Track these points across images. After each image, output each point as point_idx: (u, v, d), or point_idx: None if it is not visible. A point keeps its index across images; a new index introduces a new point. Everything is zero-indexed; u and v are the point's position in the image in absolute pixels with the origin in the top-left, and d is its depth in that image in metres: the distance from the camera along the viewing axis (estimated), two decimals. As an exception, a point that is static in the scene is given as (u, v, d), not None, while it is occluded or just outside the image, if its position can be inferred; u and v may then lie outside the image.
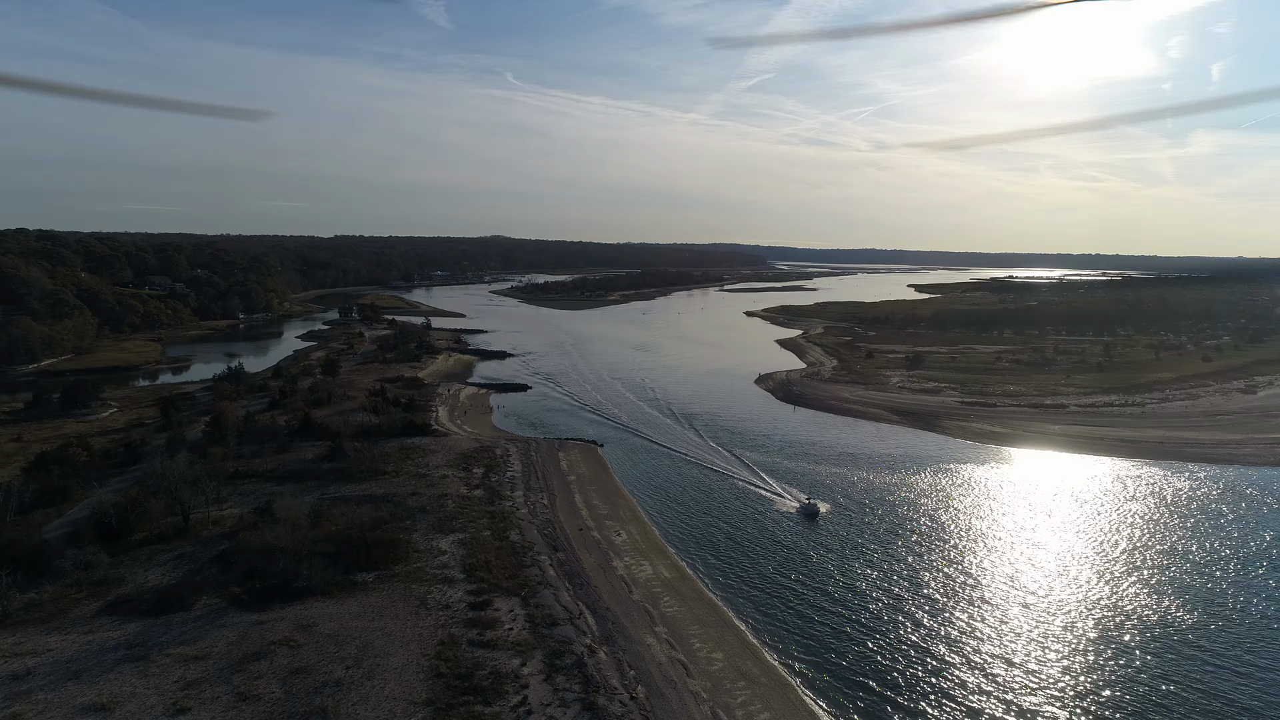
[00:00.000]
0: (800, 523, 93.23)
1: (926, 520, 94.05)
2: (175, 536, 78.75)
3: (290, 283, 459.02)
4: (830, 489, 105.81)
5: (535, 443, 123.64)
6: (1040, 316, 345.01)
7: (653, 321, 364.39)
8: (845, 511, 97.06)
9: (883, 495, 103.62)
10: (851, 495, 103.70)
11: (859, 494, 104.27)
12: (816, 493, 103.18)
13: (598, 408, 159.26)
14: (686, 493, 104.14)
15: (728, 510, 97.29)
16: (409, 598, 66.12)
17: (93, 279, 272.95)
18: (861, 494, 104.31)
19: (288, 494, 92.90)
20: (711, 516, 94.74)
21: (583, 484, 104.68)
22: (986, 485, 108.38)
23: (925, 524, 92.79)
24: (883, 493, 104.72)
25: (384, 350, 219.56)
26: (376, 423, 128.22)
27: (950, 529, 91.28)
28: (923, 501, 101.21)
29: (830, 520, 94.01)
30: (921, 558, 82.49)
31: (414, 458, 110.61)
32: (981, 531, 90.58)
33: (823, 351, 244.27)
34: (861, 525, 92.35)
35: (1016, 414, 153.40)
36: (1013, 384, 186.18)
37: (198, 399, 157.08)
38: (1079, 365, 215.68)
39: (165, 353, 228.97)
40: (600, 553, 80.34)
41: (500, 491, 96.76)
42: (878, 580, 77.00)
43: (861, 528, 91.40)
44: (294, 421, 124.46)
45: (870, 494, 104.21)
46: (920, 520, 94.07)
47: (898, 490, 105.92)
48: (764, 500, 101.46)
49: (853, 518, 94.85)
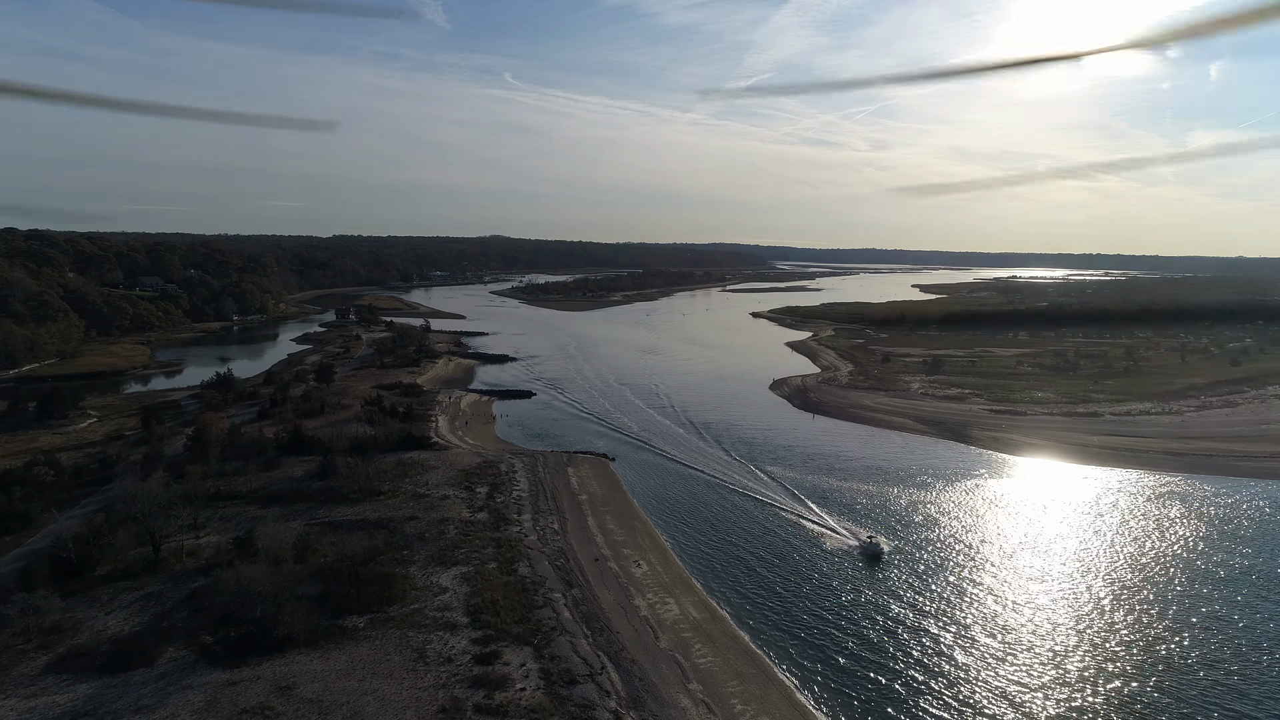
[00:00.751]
0: (856, 563, 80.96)
1: (1005, 565, 79.89)
2: (144, 571, 70.27)
3: (287, 283, 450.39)
4: (873, 514, 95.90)
5: (542, 456, 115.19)
6: (1053, 318, 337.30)
7: (657, 323, 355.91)
8: (909, 552, 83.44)
9: (940, 526, 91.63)
10: (901, 522, 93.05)
11: (910, 523, 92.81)
12: (854, 514, 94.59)
13: (605, 416, 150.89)
14: (708, 516, 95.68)
15: (759, 538, 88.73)
16: (405, 648, 57.69)
17: (80, 280, 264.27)
18: (913, 523, 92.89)
19: (272, 519, 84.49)
20: (739, 545, 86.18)
21: (595, 505, 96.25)
22: (1047, 510, 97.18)
23: (1005, 570, 78.50)
24: (938, 522, 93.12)
25: (381, 354, 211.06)
26: (372, 434, 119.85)
27: (1039, 575, 77.06)
28: (989, 536, 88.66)
29: (897, 564, 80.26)
30: (1012, 620, 69.63)
31: (412, 475, 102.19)
32: (1081, 580, 75.88)
33: (836, 355, 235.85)
34: (933, 570, 78.75)
35: (1049, 423, 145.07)
36: (1039, 390, 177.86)
37: (183, 407, 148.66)
38: (1104, 370, 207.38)
39: (154, 357, 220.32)
40: (620, 588, 71.91)
41: (506, 514, 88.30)
42: (969, 648, 66.53)
43: (934, 573, 77.79)
44: (283, 434, 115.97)
45: (925, 524, 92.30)
46: (998, 565, 79.91)
47: (953, 519, 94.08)
48: (795, 526, 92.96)
49: (920, 560, 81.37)
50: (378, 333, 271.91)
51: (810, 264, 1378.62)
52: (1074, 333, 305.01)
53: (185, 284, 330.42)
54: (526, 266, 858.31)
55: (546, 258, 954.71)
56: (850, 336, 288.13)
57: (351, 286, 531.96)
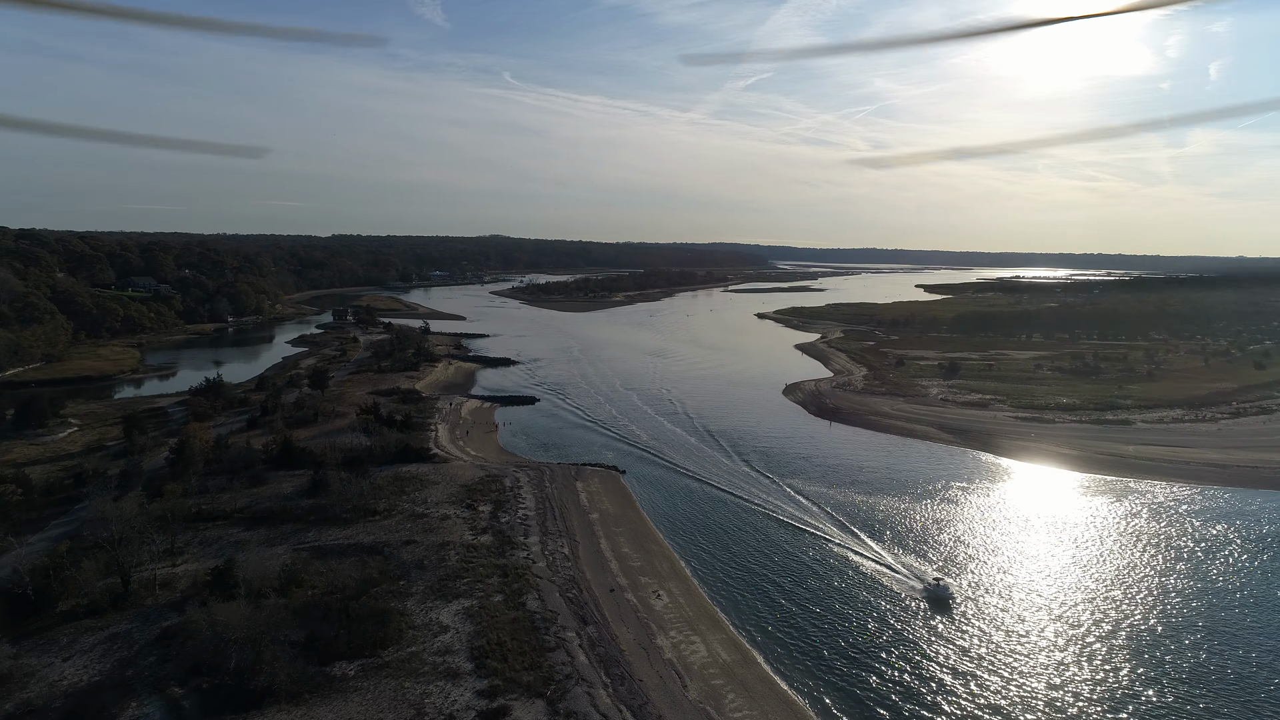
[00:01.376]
0: (916, 606, 70.47)
1: (1094, 614, 68.46)
2: (111, 607, 63.26)
3: (284, 283, 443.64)
4: (921, 542, 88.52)
5: (549, 470, 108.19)
6: (1065, 319, 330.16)
7: (661, 324, 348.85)
8: (981, 598, 71.75)
9: (1003, 560, 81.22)
10: (956, 555, 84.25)
11: (966, 556, 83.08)
12: (901, 542, 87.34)
13: (613, 424, 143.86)
14: (728, 537, 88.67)
15: (787, 566, 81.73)
16: (401, 703, 50.79)
17: (69, 280, 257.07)
18: (969, 556, 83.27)
19: (256, 543, 77.52)
20: (766, 573, 79.11)
21: (607, 524, 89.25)
22: (1113, 538, 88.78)
23: (1095, 622, 67.06)
24: (999, 553, 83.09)
25: (379, 358, 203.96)
26: (367, 446, 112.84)
27: (1139, 631, 65.69)
28: (1061, 573, 77.87)
29: (969, 615, 68.55)
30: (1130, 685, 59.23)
31: (410, 491, 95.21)
32: (1197, 639, 64.50)
33: (848, 358, 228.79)
34: (1014, 622, 67.23)
35: (1080, 432, 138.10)
36: (1063, 395, 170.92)
37: (170, 415, 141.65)
38: (1126, 374, 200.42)
39: (144, 360, 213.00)
40: (639, 625, 64.91)
41: (512, 537, 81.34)
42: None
43: (1017, 628, 66.18)
44: (273, 446, 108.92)
45: (985, 557, 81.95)
46: (1083, 613, 68.76)
47: (1015, 552, 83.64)
48: (829, 553, 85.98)
49: (996, 609, 69.97)
50: (375, 335, 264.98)
51: (811, 264, 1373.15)
52: (1088, 334, 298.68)
53: (179, 284, 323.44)
54: (527, 266, 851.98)
55: (547, 257, 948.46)
56: (860, 338, 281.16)
57: (350, 287, 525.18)
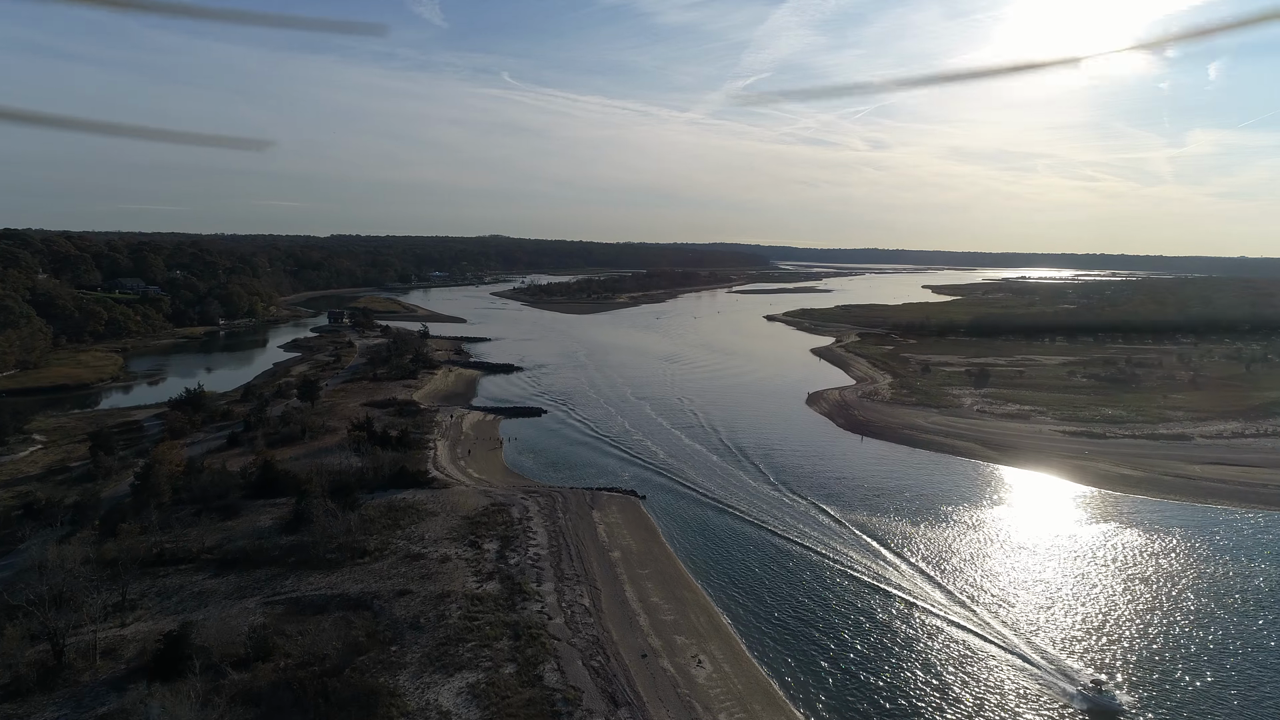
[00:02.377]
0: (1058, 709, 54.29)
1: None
2: (37, 687, 51.93)
3: (279, 284, 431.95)
4: (1030, 605, 74.21)
5: (561, 496, 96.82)
6: (1085, 321, 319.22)
7: (669, 327, 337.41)
8: (1166, 711, 54.41)
9: (1162, 641, 63.77)
10: (1089, 626, 66.82)
11: (1104, 628, 66.25)
12: (999, 602, 76.15)
13: (626, 439, 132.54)
14: (773, 581, 77.33)
15: (851, 622, 70.35)
16: (389, 833, 39.43)
17: (51, 282, 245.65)
18: (1110, 628, 66.44)
19: (224, 594, 66.19)
20: (824, 631, 67.66)
21: (631, 565, 77.93)
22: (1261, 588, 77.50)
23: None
24: (1152, 630, 65.62)
25: (374, 364, 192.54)
26: (359, 468, 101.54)
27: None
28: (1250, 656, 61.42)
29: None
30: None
31: (405, 524, 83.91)
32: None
33: (869, 364, 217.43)
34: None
35: (1136, 449, 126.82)
36: (1106, 406, 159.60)
37: (145, 430, 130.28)
38: (1167, 381, 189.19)
39: (127, 366, 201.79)
40: (681, 706, 53.52)
41: (523, 584, 69.98)
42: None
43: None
44: (252, 469, 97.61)
45: (1133, 633, 64.75)
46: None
47: (1167, 623, 66.83)
48: (900, 606, 74.70)
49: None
50: (372, 338, 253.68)
51: (813, 264, 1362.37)
52: (1111, 337, 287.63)
53: (169, 286, 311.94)
54: (527, 266, 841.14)
55: (547, 258, 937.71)
56: (877, 342, 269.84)
57: (347, 287, 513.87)
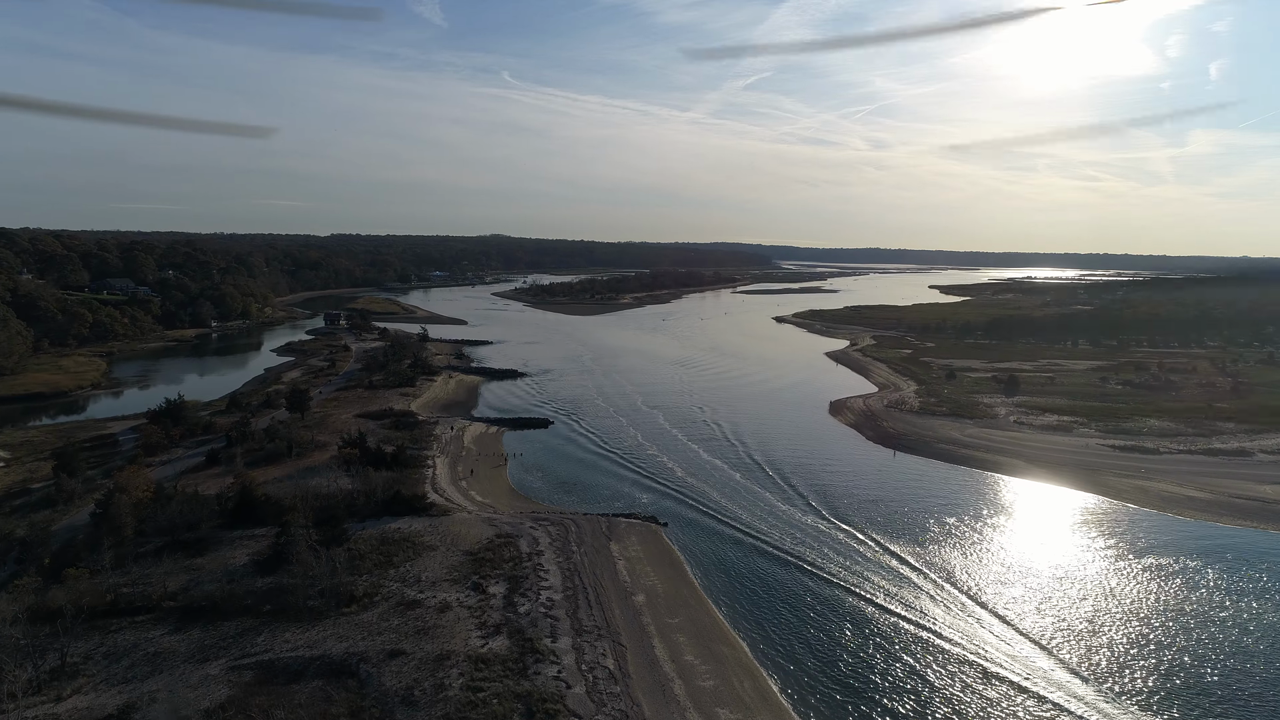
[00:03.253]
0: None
1: None
2: (-62, 792, 42.07)
3: (276, 285, 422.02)
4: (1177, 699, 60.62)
5: (574, 524, 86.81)
6: (1104, 323, 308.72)
7: (676, 329, 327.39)
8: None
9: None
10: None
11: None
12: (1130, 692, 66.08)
13: (639, 454, 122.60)
14: (819, 626, 67.30)
15: (905, 679, 60.44)
16: None
17: (33, 282, 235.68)
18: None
19: (184, 655, 56.19)
20: (890, 698, 57.81)
21: (658, 612, 67.90)
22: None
23: None
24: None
25: (371, 370, 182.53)
26: (349, 491, 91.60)
27: None
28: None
29: None
30: None
31: (400, 562, 73.94)
32: None
33: (890, 370, 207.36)
34: None
35: (1194, 466, 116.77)
36: (1149, 416, 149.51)
37: (120, 444, 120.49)
38: (1207, 389, 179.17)
39: (110, 372, 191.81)
40: (734, 812, 43.55)
41: (535, 640, 59.91)
42: None
43: None
44: (229, 493, 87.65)
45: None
46: None
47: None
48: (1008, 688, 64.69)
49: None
50: (369, 341, 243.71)
51: (816, 264, 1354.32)
52: (1135, 340, 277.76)
53: (161, 286, 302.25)
54: (528, 266, 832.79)
55: (549, 257, 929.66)
56: (894, 346, 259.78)
57: (346, 288, 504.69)
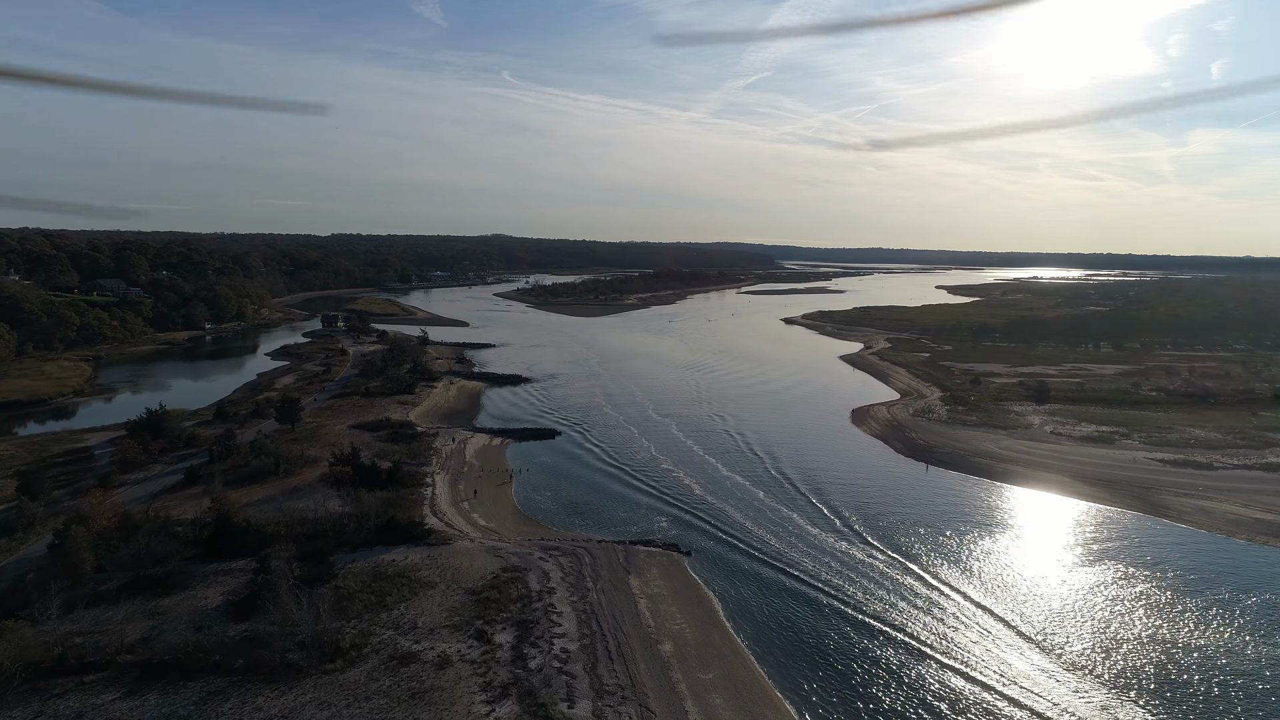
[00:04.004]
0: None
1: None
2: None
3: (274, 285, 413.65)
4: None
5: (588, 553, 78.26)
6: (1124, 325, 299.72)
7: (683, 331, 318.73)
8: None
9: None
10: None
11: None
12: None
13: (654, 470, 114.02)
14: (874, 681, 58.71)
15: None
16: None
17: (17, 283, 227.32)
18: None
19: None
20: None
21: (688, 664, 59.30)
22: None
23: None
24: None
25: (368, 376, 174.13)
26: (339, 515, 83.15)
27: None
28: None
29: None
30: None
31: (394, 603, 65.37)
32: None
33: (909, 375, 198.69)
34: None
35: (1254, 483, 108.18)
36: (1193, 426, 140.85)
37: (95, 459, 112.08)
38: (1247, 396, 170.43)
39: (95, 378, 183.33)
40: None
41: (549, 707, 51.31)
42: None
43: None
44: (205, 519, 79.18)
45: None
46: None
47: None
48: (1023, 704, 56.00)
49: None
50: (367, 344, 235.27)
51: (819, 264, 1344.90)
52: (1160, 343, 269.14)
53: (153, 287, 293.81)
54: (530, 266, 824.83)
55: (550, 257, 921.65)
56: (910, 349, 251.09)
57: (345, 288, 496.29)
